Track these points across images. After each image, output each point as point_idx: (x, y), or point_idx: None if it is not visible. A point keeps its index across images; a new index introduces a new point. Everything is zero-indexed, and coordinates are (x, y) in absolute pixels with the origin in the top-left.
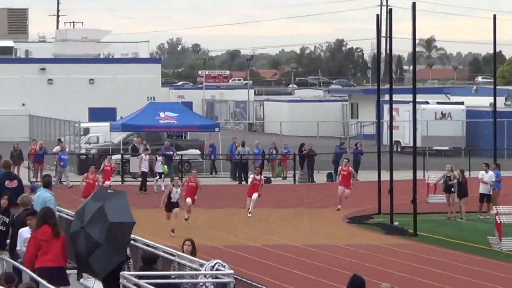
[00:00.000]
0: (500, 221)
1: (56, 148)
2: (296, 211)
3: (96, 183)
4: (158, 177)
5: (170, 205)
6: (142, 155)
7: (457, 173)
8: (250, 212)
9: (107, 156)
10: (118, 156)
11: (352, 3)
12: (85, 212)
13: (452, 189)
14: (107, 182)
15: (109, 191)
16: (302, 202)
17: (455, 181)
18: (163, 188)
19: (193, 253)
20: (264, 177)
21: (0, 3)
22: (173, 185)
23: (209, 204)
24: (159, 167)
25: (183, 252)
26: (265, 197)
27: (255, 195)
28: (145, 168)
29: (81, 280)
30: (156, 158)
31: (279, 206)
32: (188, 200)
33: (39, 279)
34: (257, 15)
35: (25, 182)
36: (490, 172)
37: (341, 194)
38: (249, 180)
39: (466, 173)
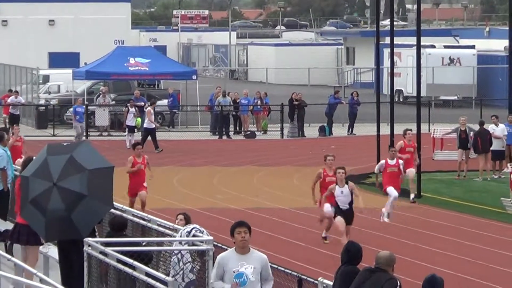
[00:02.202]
0: None
1: (11, 99)
2: (284, 170)
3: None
4: (127, 131)
5: (341, 215)
6: (149, 108)
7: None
8: (388, 215)
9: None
10: (81, 108)
11: None
12: (50, 169)
13: (468, 145)
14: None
15: (64, 143)
16: (291, 160)
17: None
18: (128, 145)
19: None
20: (248, 131)
21: None
22: (336, 182)
23: (185, 162)
24: (132, 120)
25: None
26: (250, 154)
27: (393, 192)
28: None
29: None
30: (128, 109)
31: (265, 164)
32: (327, 208)
33: None
34: None
35: None
36: (501, 125)
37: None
38: (377, 167)
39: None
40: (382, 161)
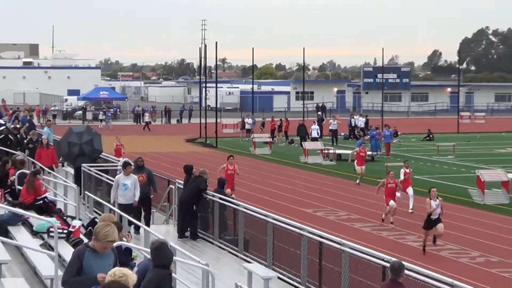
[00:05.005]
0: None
1: (52, 108)
2: (161, 137)
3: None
4: (103, 121)
5: (431, 223)
6: (146, 114)
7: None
8: (412, 210)
9: (117, 137)
10: (80, 112)
11: (188, 39)
12: (83, 137)
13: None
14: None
15: (93, 130)
16: (165, 132)
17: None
18: (101, 126)
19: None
20: (148, 121)
21: (24, 39)
22: (430, 198)
23: (123, 134)
24: (102, 116)
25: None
26: (147, 132)
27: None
28: (147, 119)
29: (63, 168)
30: (99, 112)
31: (152, 134)
32: (392, 203)
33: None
34: (145, 45)
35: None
36: (251, 119)
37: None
38: (401, 175)
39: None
40: (402, 169)
